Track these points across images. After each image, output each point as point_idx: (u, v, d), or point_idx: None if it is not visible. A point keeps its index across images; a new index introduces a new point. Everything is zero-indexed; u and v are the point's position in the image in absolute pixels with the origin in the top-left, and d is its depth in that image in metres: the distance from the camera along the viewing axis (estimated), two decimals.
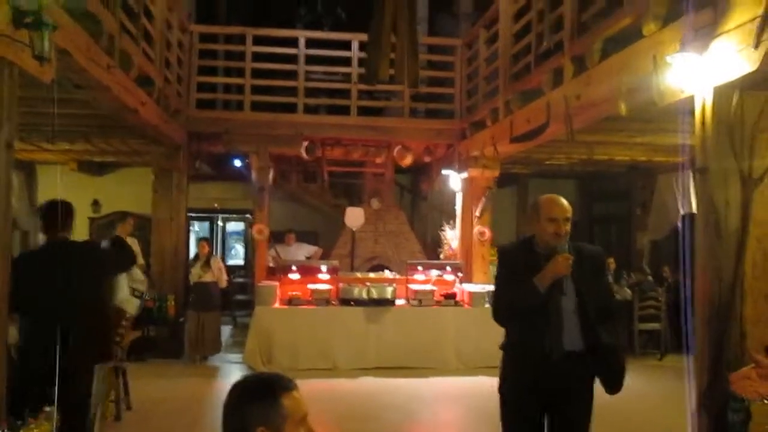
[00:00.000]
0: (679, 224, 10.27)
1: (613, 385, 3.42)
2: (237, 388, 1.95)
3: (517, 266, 3.47)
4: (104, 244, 4.86)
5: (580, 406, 3.44)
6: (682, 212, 10.25)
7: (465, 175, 10.18)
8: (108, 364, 5.14)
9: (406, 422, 6.76)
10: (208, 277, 9.26)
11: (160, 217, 9.81)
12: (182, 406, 6.28)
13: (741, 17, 3.73)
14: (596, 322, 3.40)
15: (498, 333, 3.71)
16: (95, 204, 13.30)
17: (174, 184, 9.80)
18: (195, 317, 9.17)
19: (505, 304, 3.51)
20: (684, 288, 4.14)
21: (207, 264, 9.31)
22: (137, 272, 5.71)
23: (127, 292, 5.10)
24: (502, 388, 3.55)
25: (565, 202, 3.47)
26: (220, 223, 15.30)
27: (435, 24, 13.18)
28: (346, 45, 10.44)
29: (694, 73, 4.07)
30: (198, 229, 14.97)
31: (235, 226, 15.67)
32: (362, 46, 10.06)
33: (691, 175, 9.74)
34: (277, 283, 9.36)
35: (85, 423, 4.44)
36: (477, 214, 10.19)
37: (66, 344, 4.07)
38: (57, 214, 4.36)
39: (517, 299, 3.40)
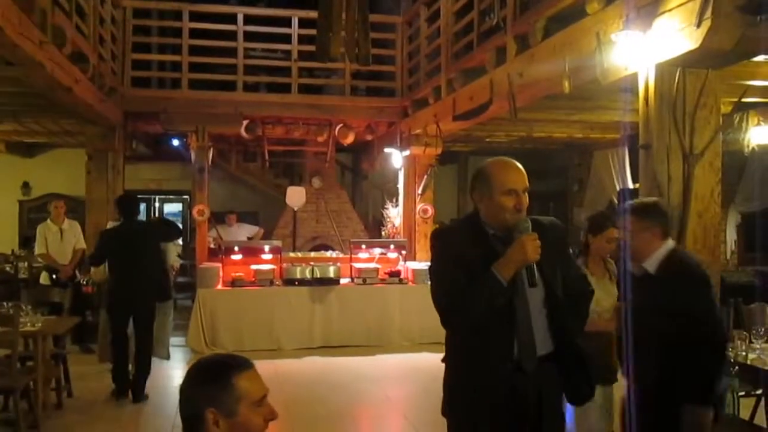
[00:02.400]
0: (615, 199, 10.55)
1: (582, 395, 2.74)
2: (191, 370, 1.92)
3: (463, 253, 2.61)
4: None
5: (556, 426, 2.72)
6: (618, 188, 10.51)
7: (407, 153, 10.20)
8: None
9: (352, 403, 6.77)
10: None
11: (94, 199, 9.49)
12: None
13: None
14: (571, 313, 2.70)
15: None
16: (25, 186, 12.84)
17: (109, 166, 9.47)
18: None
19: (457, 306, 2.57)
20: (623, 262, 4.22)
21: None
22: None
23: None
24: (450, 411, 2.73)
25: (520, 166, 2.71)
26: (156, 204, 14.98)
27: (374, 1, 13.08)
28: (286, 22, 10.26)
29: (638, 51, 4.15)
30: None
31: (172, 207, 15.36)
32: (302, 23, 9.94)
33: (626, 151, 10.08)
34: (219, 265, 9.23)
35: (150, 339, 6.58)
36: (419, 191, 10.24)
37: (137, 292, 6.30)
38: (126, 203, 6.62)
39: (476, 298, 2.52)
